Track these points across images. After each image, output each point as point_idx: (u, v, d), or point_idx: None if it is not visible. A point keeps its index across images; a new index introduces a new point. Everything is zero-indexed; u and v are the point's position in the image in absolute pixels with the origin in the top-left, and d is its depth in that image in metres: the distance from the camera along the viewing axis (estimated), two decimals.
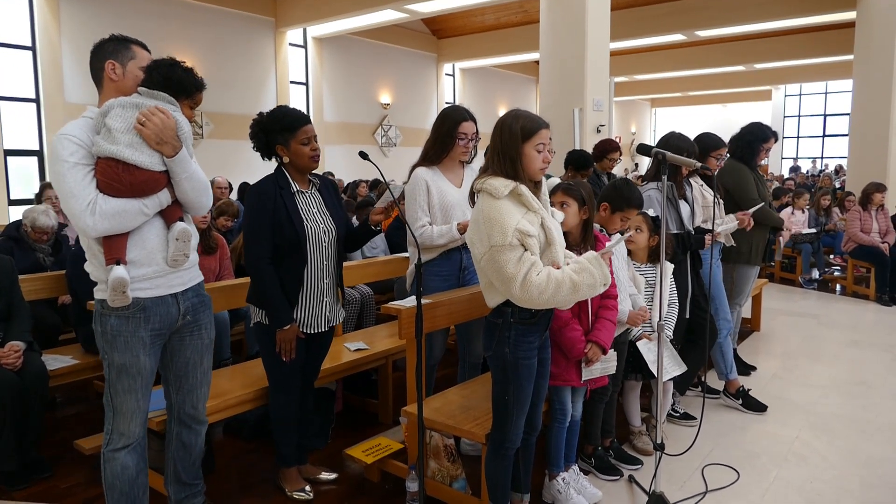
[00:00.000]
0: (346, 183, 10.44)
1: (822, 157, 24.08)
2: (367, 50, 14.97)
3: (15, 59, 9.66)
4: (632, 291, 3.08)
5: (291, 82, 13.47)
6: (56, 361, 3.43)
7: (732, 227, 3.78)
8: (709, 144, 3.80)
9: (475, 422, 2.65)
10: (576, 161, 5.09)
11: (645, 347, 3.13)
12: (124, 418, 2.21)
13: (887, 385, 4.35)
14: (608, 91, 8.29)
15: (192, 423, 2.44)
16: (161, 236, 2.19)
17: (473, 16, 15.26)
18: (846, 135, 13.61)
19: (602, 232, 2.97)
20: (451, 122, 3.12)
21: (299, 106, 13.09)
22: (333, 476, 3.04)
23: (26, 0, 9.63)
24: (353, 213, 5.92)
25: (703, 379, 3.71)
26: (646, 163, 18.68)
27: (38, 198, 5.85)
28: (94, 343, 3.46)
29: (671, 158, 2.57)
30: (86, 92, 9.95)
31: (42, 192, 5.84)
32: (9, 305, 3.20)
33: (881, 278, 6.96)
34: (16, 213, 8.78)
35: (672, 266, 3.18)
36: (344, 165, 13.48)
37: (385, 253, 5.30)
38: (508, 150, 2.21)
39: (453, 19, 15.52)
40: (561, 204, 2.61)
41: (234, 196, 8.28)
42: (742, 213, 3.77)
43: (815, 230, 8.23)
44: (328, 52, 14.25)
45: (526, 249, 2.14)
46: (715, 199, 3.14)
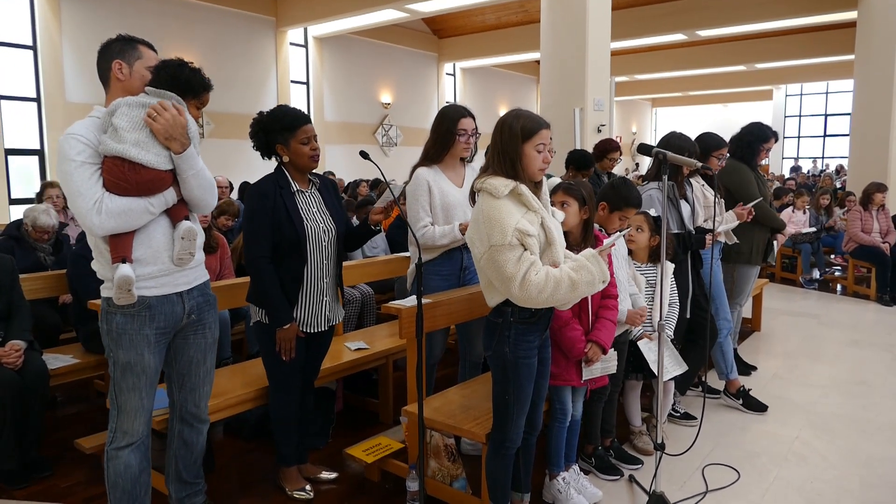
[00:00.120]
0: (347, 182, 10.44)
1: (823, 157, 24.06)
2: (368, 49, 14.98)
3: (16, 59, 9.67)
4: (632, 291, 3.08)
5: (292, 82, 13.48)
6: (56, 361, 3.43)
7: (732, 224, 3.78)
8: (710, 144, 3.80)
9: (475, 421, 2.65)
10: (577, 161, 5.09)
11: (646, 347, 3.13)
12: (128, 416, 2.21)
13: (887, 385, 4.35)
14: (609, 91, 8.29)
15: (195, 422, 2.44)
16: (167, 235, 2.20)
17: (474, 15, 15.25)
18: (847, 135, 13.61)
19: (601, 232, 2.97)
20: (450, 120, 3.13)
21: (300, 105, 13.07)
22: (334, 475, 3.04)
23: (27, 0, 9.64)
24: (354, 213, 5.91)
25: (704, 379, 3.71)
26: (646, 162, 18.65)
27: (39, 197, 5.84)
28: (95, 342, 3.52)
29: (672, 158, 2.57)
30: (87, 91, 9.96)
31: (43, 192, 5.83)
32: (9, 304, 3.21)
33: (882, 278, 6.96)
34: (17, 213, 8.78)
35: (672, 266, 3.18)
36: (344, 165, 13.48)
37: (385, 252, 5.30)
38: (509, 150, 2.21)
39: (454, 19, 15.52)
40: (561, 203, 2.61)
41: (235, 195, 8.27)
42: (741, 208, 3.77)
43: (816, 229, 8.23)
44: (329, 52, 14.25)
45: (525, 249, 2.14)
46: (716, 199, 3.14)
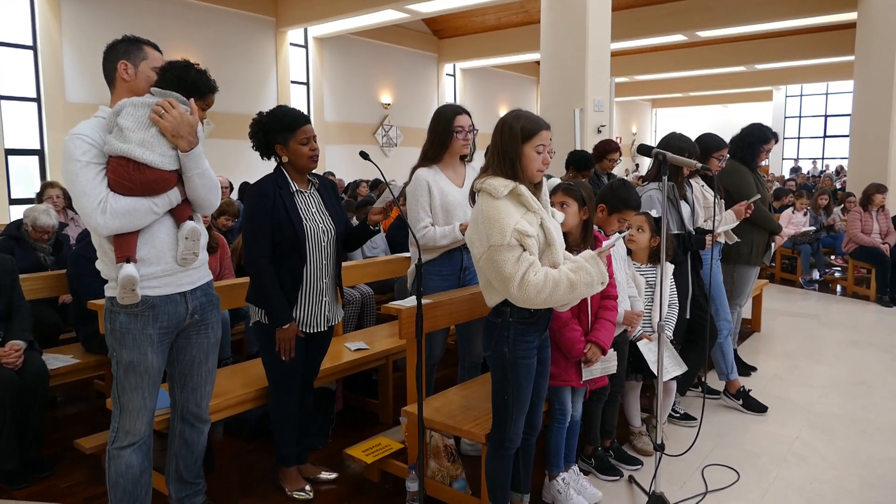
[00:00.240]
0: (347, 183, 10.43)
1: (823, 158, 24.06)
2: (368, 50, 14.98)
3: (16, 59, 9.66)
4: (631, 293, 3.08)
5: (292, 82, 13.48)
6: (56, 361, 3.43)
7: (732, 224, 3.78)
8: (710, 145, 3.80)
9: (475, 422, 2.65)
10: (577, 161, 5.09)
11: (645, 348, 3.13)
12: (130, 416, 2.22)
13: (887, 385, 4.35)
14: (609, 91, 8.29)
15: (196, 422, 2.45)
16: (171, 235, 2.21)
17: (474, 16, 15.26)
18: (847, 136, 13.60)
19: (601, 233, 2.97)
20: (446, 119, 3.14)
21: (300, 106, 13.09)
22: (333, 476, 3.04)
23: (27, 0, 9.64)
24: (353, 213, 5.91)
25: (704, 379, 3.71)
26: (646, 163, 18.67)
27: (39, 197, 5.84)
28: (95, 342, 3.52)
29: (672, 159, 2.57)
30: (87, 91, 9.96)
31: (43, 192, 5.83)
32: (9, 304, 3.21)
33: (882, 279, 6.96)
34: (17, 213, 8.78)
35: (672, 266, 3.18)
36: (344, 165, 13.49)
37: (385, 253, 5.30)
38: (508, 151, 2.22)
39: (454, 19, 15.52)
40: (561, 204, 2.61)
41: (235, 196, 8.28)
42: (738, 205, 3.77)
43: (815, 228, 8.23)
44: (329, 52, 14.25)
45: (524, 249, 2.14)
46: (715, 200, 3.14)
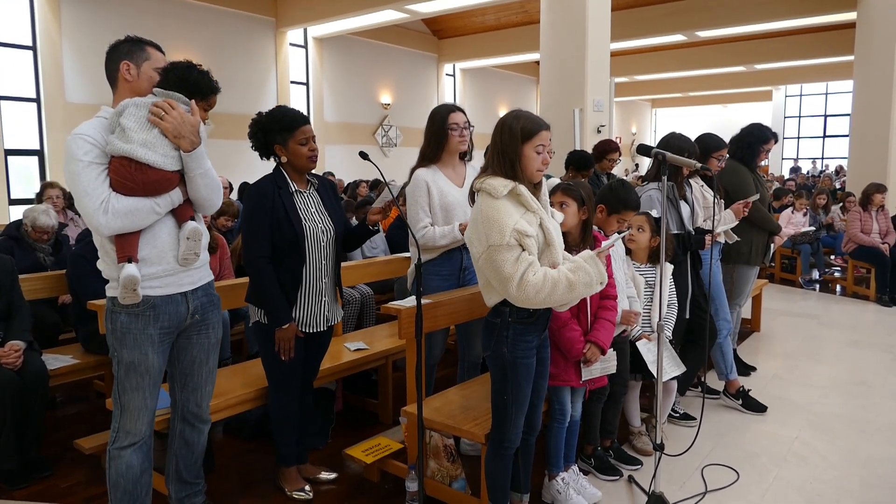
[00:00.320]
0: (347, 183, 10.43)
1: (823, 158, 24.07)
2: (368, 50, 14.98)
3: (16, 59, 9.66)
4: (630, 293, 3.08)
5: (292, 82, 13.48)
6: (56, 361, 3.43)
7: (731, 224, 3.78)
8: (710, 145, 3.80)
9: (475, 422, 2.65)
10: (577, 161, 5.09)
11: (644, 348, 3.13)
12: (131, 416, 2.22)
13: (887, 385, 4.35)
14: (608, 91, 8.30)
15: (196, 422, 2.45)
16: (172, 235, 2.21)
17: (474, 16, 15.26)
18: (846, 135, 13.61)
19: (601, 233, 2.97)
20: (441, 118, 3.16)
21: (300, 106, 13.10)
22: (333, 476, 3.04)
23: (27, 0, 9.64)
24: (353, 214, 5.91)
25: (703, 379, 3.72)
26: (646, 163, 18.68)
27: (39, 197, 5.84)
28: (94, 343, 3.52)
29: (671, 159, 2.57)
30: (86, 92, 9.96)
31: (43, 192, 5.83)
32: (9, 305, 3.21)
33: (881, 279, 6.96)
34: (16, 213, 8.78)
35: (671, 267, 3.18)
36: (344, 165, 13.48)
37: (385, 253, 5.30)
38: (508, 151, 2.22)
39: (454, 19, 15.52)
40: (560, 204, 2.61)
41: (235, 196, 8.27)
42: (735, 204, 3.77)
43: (814, 228, 8.24)
44: (328, 52, 14.25)
45: (524, 249, 2.14)
46: (715, 200, 3.14)
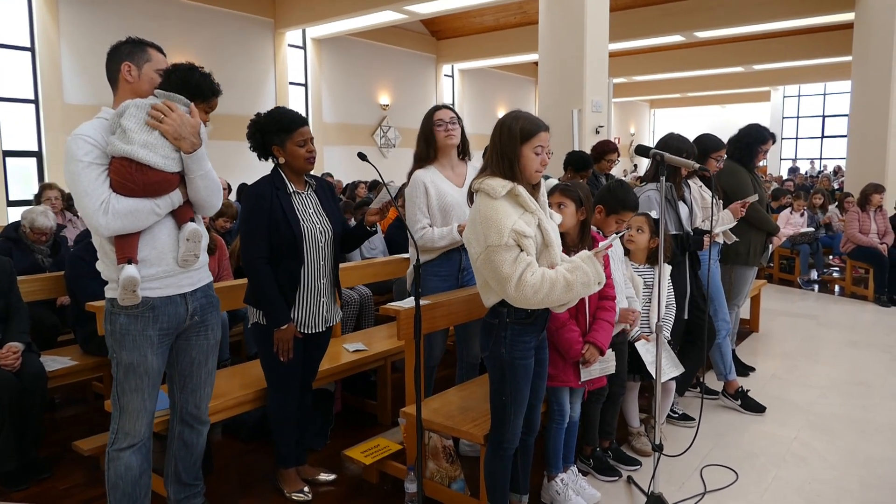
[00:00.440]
0: (345, 184, 10.43)
1: (821, 158, 24.09)
2: (366, 51, 14.98)
3: (14, 60, 9.65)
4: (629, 294, 3.08)
5: (290, 83, 13.47)
6: (55, 362, 3.43)
7: (730, 224, 3.78)
8: (709, 146, 3.81)
9: (474, 423, 2.64)
10: (575, 162, 5.09)
11: (643, 348, 3.13)
12: (130, 417, 2.22)
13: (886, 385, 4.35)
14: (607, 92, 8.31)
15: (195, 423, 2.45)
16: (172, 236, 2.21)
17: (472, 17, 15.26)
18: (845, 136, 13.63)
19: (599, 234, 2.97)
20: (427, 118, 3.22)
21: (298, 107, 13.10)
22: (332, 477, 3.04)
23: (25, 1, 9.63)
24: (351, 215, 5.91)
25: (702, 380, 3.72)
26: (645, 164, 18.69)
27: (37, 199, 5.84)
28: (93, 344, 3.52)
29: (669, 159, 2.57)
30: (85, 93, 9.95)
31: (41, 193, 5.83)
32: (7, 306, 3.20)
33: (880, 279, 6.97)
34: (14, 214, 8.78)
35: (670, 267, 3.18)
36: (343, 166, 13.48)
37: (384, 254, 5.30)
38: (507, 151, 2.22)
39: (452, 20, 15.52)
40: (558, 205, 2.61)
41: (233, 197, 8.27)
42: (733, 205, 3.77)
43: (813, 228, 8.25)
44: (327, 53, 14.25)
45: (522, 250, 2.14)
46: (713, 200, 3.14)
